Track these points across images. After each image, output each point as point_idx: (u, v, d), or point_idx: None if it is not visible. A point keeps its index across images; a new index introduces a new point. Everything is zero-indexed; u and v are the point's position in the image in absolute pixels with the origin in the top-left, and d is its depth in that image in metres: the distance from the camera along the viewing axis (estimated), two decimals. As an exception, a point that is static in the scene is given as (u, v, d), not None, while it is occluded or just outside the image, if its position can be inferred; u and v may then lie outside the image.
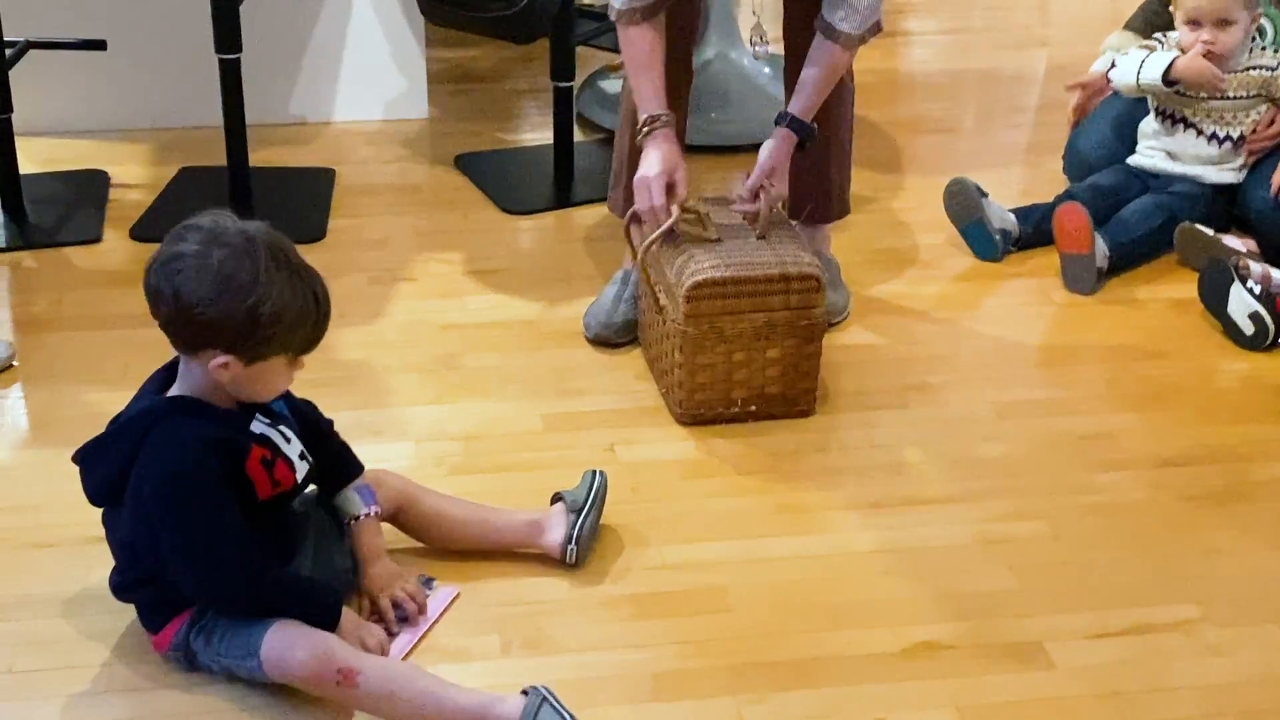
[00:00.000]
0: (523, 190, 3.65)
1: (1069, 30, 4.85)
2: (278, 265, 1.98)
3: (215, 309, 1.96)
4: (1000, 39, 4.77)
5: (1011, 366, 2.98)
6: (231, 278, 1.95)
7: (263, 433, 2.10)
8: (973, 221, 3.34)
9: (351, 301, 3.13)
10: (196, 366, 2.05)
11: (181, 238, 1.99)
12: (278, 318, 1.98)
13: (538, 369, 2.91)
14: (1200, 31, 3.28)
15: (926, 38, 4.79)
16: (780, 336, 2.70)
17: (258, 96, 3.60)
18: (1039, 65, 4.59)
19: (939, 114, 4.21)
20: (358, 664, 2.04)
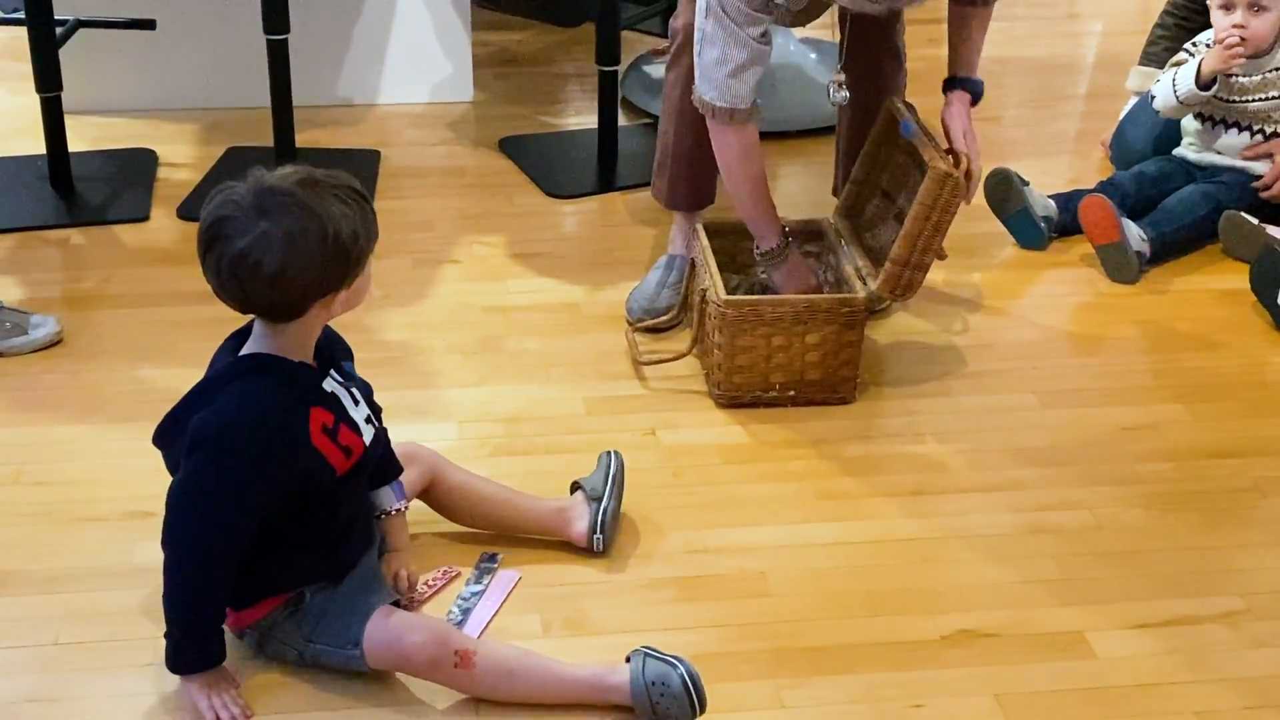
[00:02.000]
0: (567, 174, 3.66)
1: (1117, 18, 4.82)
2: (315, 193, 1.94)
3: (308, 267, 1.93)
4: (1048, 27, 4.74)
5: (1056, 356, 2.97)
6: (298, 234, 1.91)
7: (333, 391, 2.08)
8: (1016, 212, 3.34)
9: (396, 283, 3.14)
10: (291, 325, 2.01)
11: (223, 235, 1.93)
12: (355, 235, 1.97)
13: (580, 352, 2.92)
14: (1233, 15, 3.26)
15: (974, 25, 4.77)
16: (820, 322, 2.71)
17: (305, 77, 3.62)
18: (1088, 53, 4.56)
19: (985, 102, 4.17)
20: (474, 645, 2.06)
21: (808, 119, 3.80)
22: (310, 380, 2.06)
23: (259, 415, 1.99)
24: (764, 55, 2.71)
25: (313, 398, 2.04)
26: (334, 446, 2.05)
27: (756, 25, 2.68)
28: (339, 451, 2.06)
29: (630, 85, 4.01)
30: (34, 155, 3.53)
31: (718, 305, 2.69)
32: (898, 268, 2.72)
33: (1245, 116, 3.35)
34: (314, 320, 2.03)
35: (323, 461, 2.04)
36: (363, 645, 2.05)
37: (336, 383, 2.10)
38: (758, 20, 2.67)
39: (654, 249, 3.22)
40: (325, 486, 2.05)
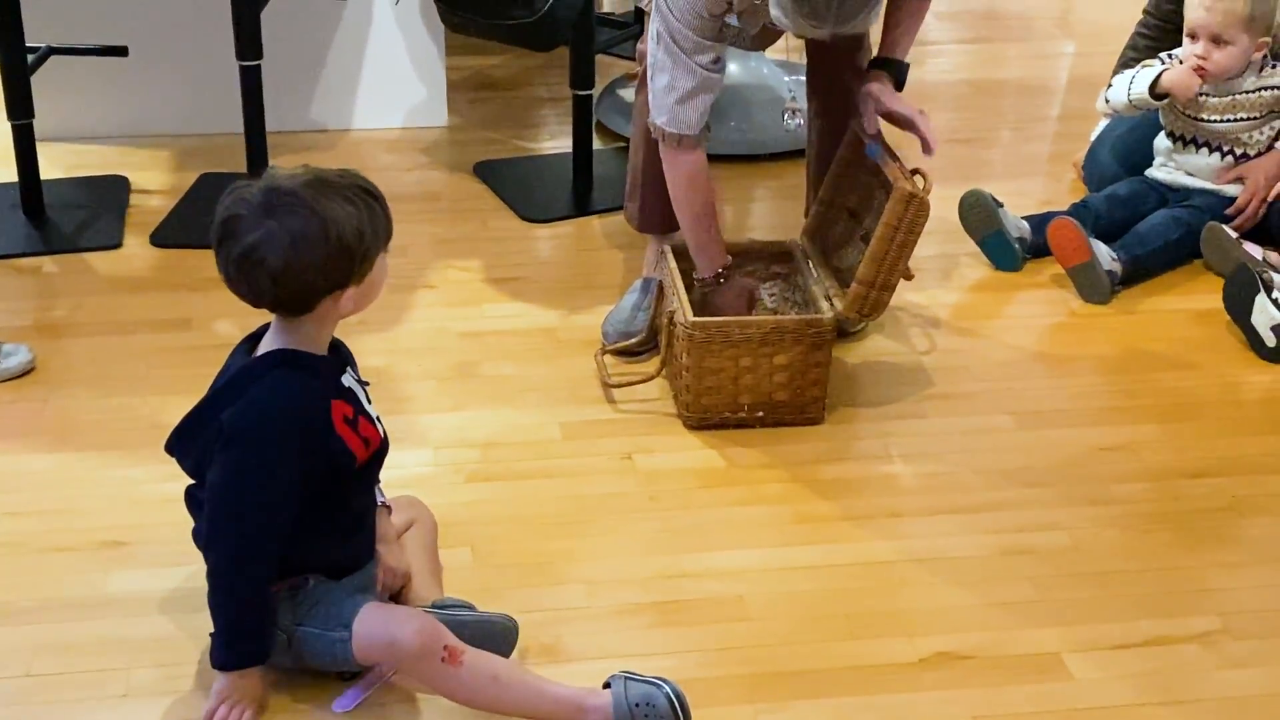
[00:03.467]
0: (542, 198, 3.65)
1: (1090, 41, 4.84)
2: (323, 193, 2.01)
3: (311, 265, 1.99)
4: (1021, 49, 4.76)
5: (1030, 377, 2.98)
6: (303, 232, 1.98)
7: (350, 386, 2.13)
8: (991, 233, 3.34)
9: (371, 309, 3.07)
10: (305, 321, 2.07)
11: (231, 233, 2.00)
12: (360, 233, 2.03)
13: (556, 377, 2.91)
14: (1197, 45, 3.28)
15: (947, 47, 4.78)
16: (788, 344, 2.71)
17: (278, 103, 3.61)
18: (1060, 75, 4.58)
19: (959, 124, 4.21)
20: (464, 646, 2.07)
21: (781, 142, 3.80)
22: (331, 373, 2.11)
23: (292, 404, 2.04)
24: (713, 83, 2.73)
25: (333, 390, 2.10)
26: (355, 437, 2.10)
27: (705, 53, 2.69)
28: (360, 442, 2.11)
29: (605, 109, 4.01)
30: (5, 183, 3.52)
31: (685, 327, 2.69)
32: (864, 288, 2.72)
33: (1214, 137, 3.37)
34: (325, 315, 2.08)
35: (346, 450, 2.08)
36: (352, 628, 2.07)
37: (353, 379, 2.16)
38: (706, 48, 2.68)
39: (629, 272, 3.22)
40: (347, 474, 2.09)
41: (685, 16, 2.66)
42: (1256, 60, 3.30)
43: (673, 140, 2.77)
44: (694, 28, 2.67)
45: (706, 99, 2.73)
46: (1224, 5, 3.23)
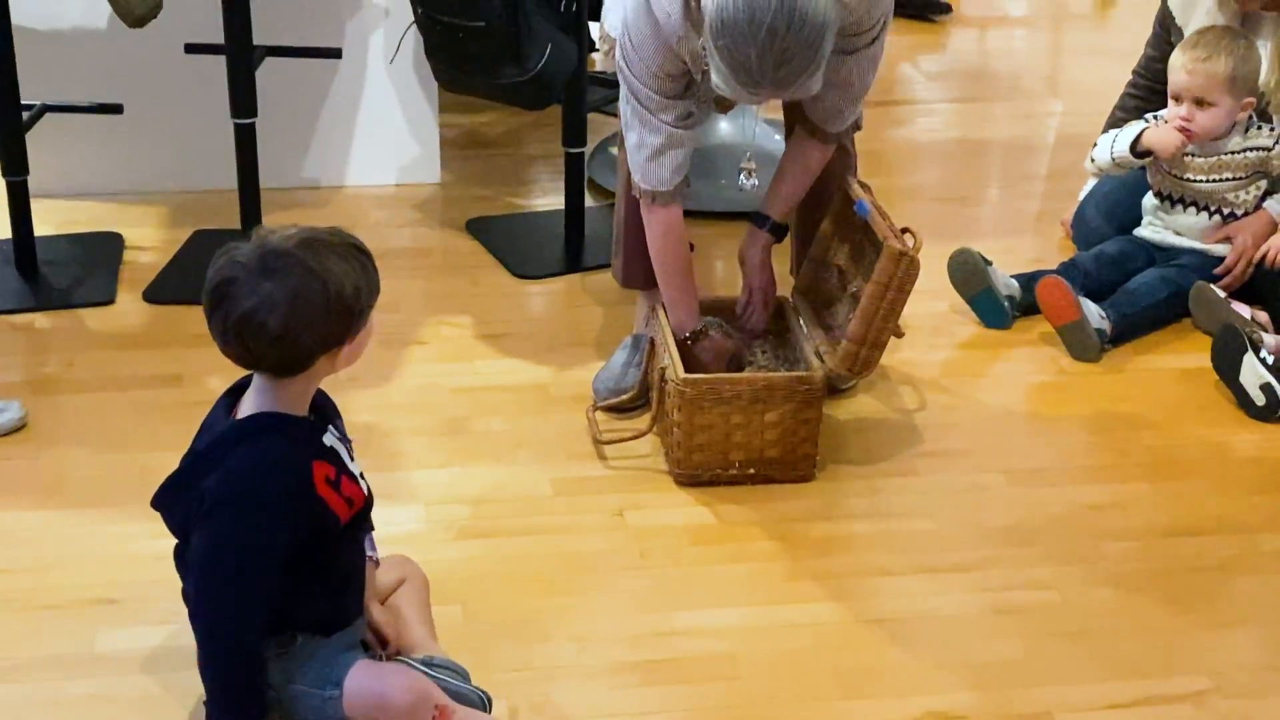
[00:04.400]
0: (533, 255, 3.66)
1: (1078, 100, 4.87)
2: (318, 252, 1.99)
3: (312, 325, 1.98)
4: (1010, 109, 4.79)
5: (1021, 435, 2.98)
6: (303, 293, 1.96)
7: (332, 445, 2.10)
8: (981, 291, 3.35)
9: (362, 364, 3.08)
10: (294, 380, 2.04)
11: (228, 297, 1.96)
12: (358, 290, 2.02)
13: (547, 433, 2.91)
14: (1180, 107, 3.30)
15: (937, 106, 4.82)
16: (779, 401, 2.71)
17: (272, 160, 3.63)
18: (1048, 135, 4.61)
19: (948, 182, 4.23)
20: (455, 706, 2.06)
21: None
22: (311, 434, 2.09)
23: (274, 471, 2.01)
24: (682, 139, 2.75)
25: (314, 451, 2.07)
26: (338, 497, 2.07)
27: (670, 110, 2.71)
28: (342, 502, 2.08)
29: (596, 167, 4.03)
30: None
31: (676, 384, 2.70)
32: (855, 345, 2.73)
33: (1201, 196, 3.39)
34: (317, 373, 2.07)
35: (329, 511, 2.06)
36: (343, 685, 2.05)
37: (335, 437, 2.13)
38: (670, 105, 2.70)
39: (620, 329, 3.23)
40: (331, 535, 2.07)
41: (643, 76, 2.69)
42: (1242, 120, 3.32)
43: (647, 196, 2.79)
44: (654, 87, 2.69)
45: (677, 155, 2.75)
46: (1206, 68, 3.26)
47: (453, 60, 3.37)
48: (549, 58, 3.31)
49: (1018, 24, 5.38)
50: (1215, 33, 3.31)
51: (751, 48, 2.39)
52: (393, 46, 3.72)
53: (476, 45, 3.25)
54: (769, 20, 2.36)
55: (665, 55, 2.63)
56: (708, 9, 2.43)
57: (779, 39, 2.37)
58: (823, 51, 2.42)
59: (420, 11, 3.30)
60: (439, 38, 3.31)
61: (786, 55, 2.39)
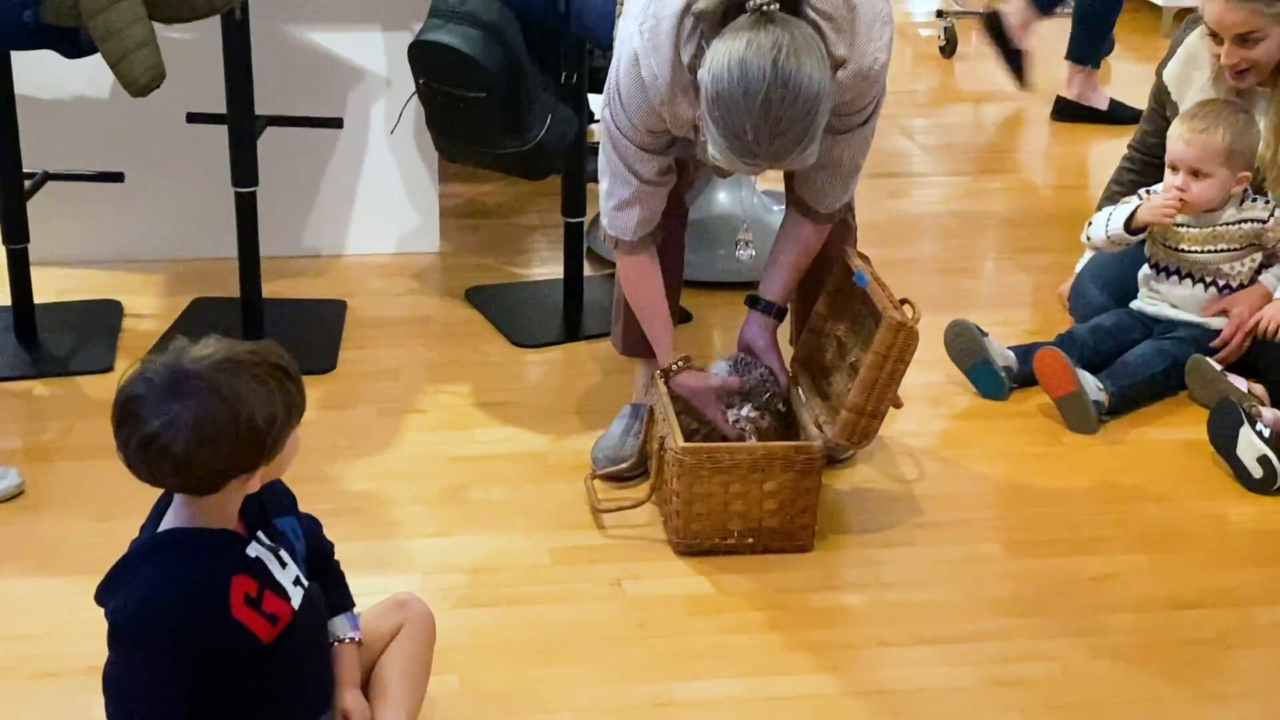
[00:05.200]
0: (532, 324, 3.68)
1: (1074, 174, 4.92)
2: (232, 374, 1.91)
3: (217, 453, 1.90)
4: (1006, 181, 4.83)
5: (1018, 505, 2.98)
6: (210, 418, 1.88)
7: (257, 556, 2.01)
8: (977, 362, 3.37)
9: (360, 433, 3.14)
10: (209, 498, 1.97)
11: (132, 415, 1.90)
12: (272, 417, 1.92)
13: (546, 502, 2.91)
14: (1176, 177, 3.33)
15: (933, 179, 4.85)
16: (778, 470, 2.72)
17: (272, 229, 3.65)
18: (1045, 208, 4.64)
19: (945, 254, 4.26)
20: None
21: (770, 270, 3.82)
22: (232, 548, 2.00)
23: (174, 597, 1.92)
24: (651, 195, 2.77)
25: (235, 566, 1.98)
26: (258, 616, 1.98)
27: (647, 164, 2.73)
28: (264, 621, 1.98)
29: (596, 236, 4.04)
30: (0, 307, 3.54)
31: (675, 453, 2.70)
32: (854, 415, 2.74)
33: (1196, 268, 3.40)
34: (232, 494, 1.98)
35: (246, 634, 1.97)
36: None
37: (263, 546, 2.03)
38: (647, 159, 2.73)
39: (619, 398, 3.23)
40: (252, 658, 1.98)
41: (624, 127, 2.71)
42: (1237, 193, 3.35)
43: (611, 241, 2.84)
44: (634, 139, 2.71)
45: (643, 210, 2.78)
46: (1202, 139, 3.29)
47: (453, 130, 3.40)
48: (549, 129, 3.34)
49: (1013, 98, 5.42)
50: (1215, 105, 3.35)
51: (746, 119, 2.41)
52: (394, 116, 3.75)
53: (477, 115, 3.28)
54: (763, 91, 2.39)
55: (647, 113, 2.66)
56: (703, 80, 2.46)
57: (774, 110, 2.40)
58: (818, 122, 2.45)
59: (421, 82, 3.33)
60: (440, 108, 3.35)
61: (782, 126, 2.41)
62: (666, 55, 2.57)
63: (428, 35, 3.25)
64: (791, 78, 2.39)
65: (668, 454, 2.74)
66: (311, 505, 2.18)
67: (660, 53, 2.57)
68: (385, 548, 2.75)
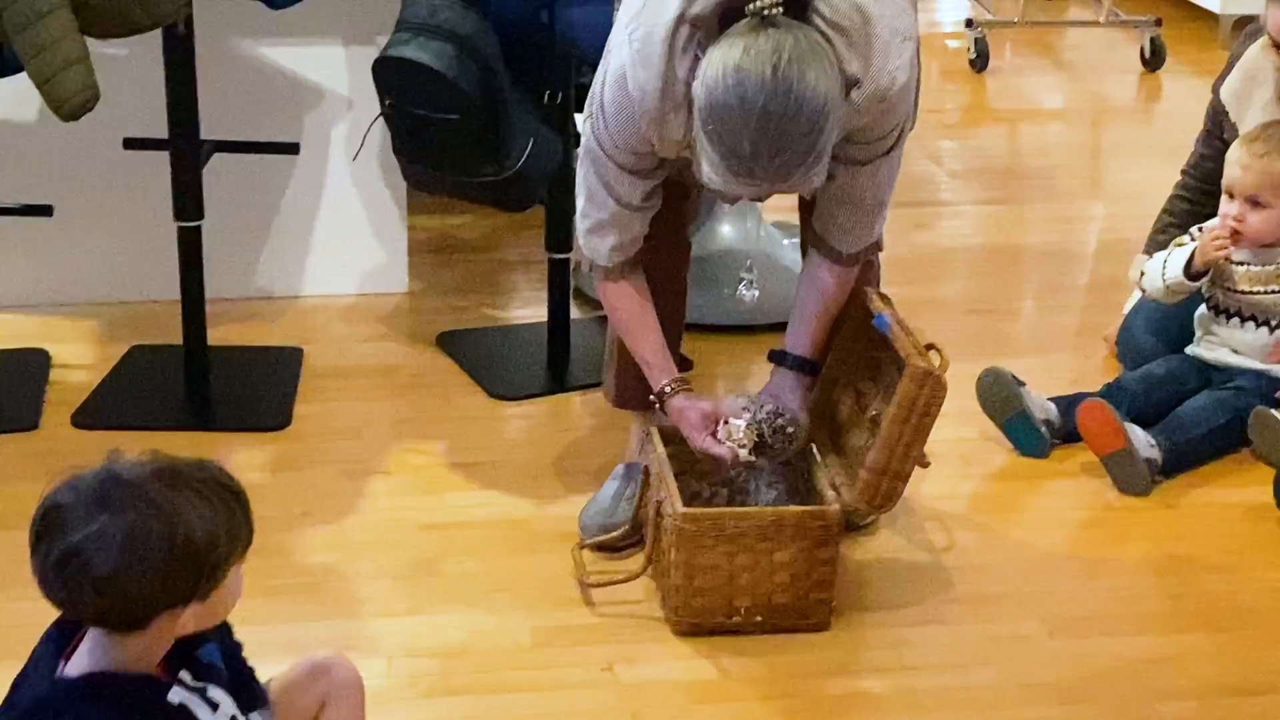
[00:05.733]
0: (513, 373, 3.68)
1: (1123, 202, 4.93)
2: (173, 486, 1.86)
3: (147, 574, 1.83)
4: (1045, 211, 4.84)
5: (1063, 578, 2.98)
6: (142, 533, 1.82)
7: (181, 703, 1.94)
8: (1014, 414, 3.37)
9: (319, 497, 3.14)
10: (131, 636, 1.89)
11: (54, 527, 1.84)
12: (213, 540, 1.87)
13: (528, 575, 2.91)
14: (1232, 206, 3.34)
15: (964, 208, 4.87)
16: (790, 538, 2.71)
17: (220, 268, 3.66)
18: (1089, 240, 4.66)
19: (977, 293, 4.27)
20: None
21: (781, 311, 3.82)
22: (152, 699, 1.92)
23: None
24: (631, 221, 2.78)
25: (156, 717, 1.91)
26: None
27: (628, 186, 2.74)
28: None
29: (584, 275, 4.05)
30: (-89, 356, 3.54)
31: (674, 519, 2.70)
32: (875, 476, 2.74)
33: (1258, 310, 3.41)
34: (158, 633, 1.90)
35: None
36: None
37: (188, 690, 1.96)
38: (629, 181, 2.73)
39: (611, 457, 3.23)
40: None
41: (606, 144, 2.71)
42: (1300, 228, 3.35)
43: (586, 263, 2.85)
44: (617, 159, 2.72)
45: (620, 236, 2.78)
46: (1263, 164, 3.30)
47: (423, 156, 3.41)
48: (531, 154, 3.35)
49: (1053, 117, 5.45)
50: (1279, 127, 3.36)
51: (744, 133, 2.41)
52: (356, 141, 3.76)
53: (450, 140, 3.30)
54: (761, 101, 2.39)
55: (633, 133, 2.66)
56: (696, 91, 2.47)
57: (774, 122, 2.40)
58: (825, 138, 2.45)
59: (388, 102, 3.35)
60: (408, 131, 3.36)
61: (783, 141, 2.41)
62: (658, 68, 2.58)
63: (395, 50, 3.26)
64: (794, 86, 2.39)
65: (665, 520, 2.74)
66: (263, 581, 2.18)
67: (651, 65, 2.58)
68: (347, 628, 2.74)
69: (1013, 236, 4.64)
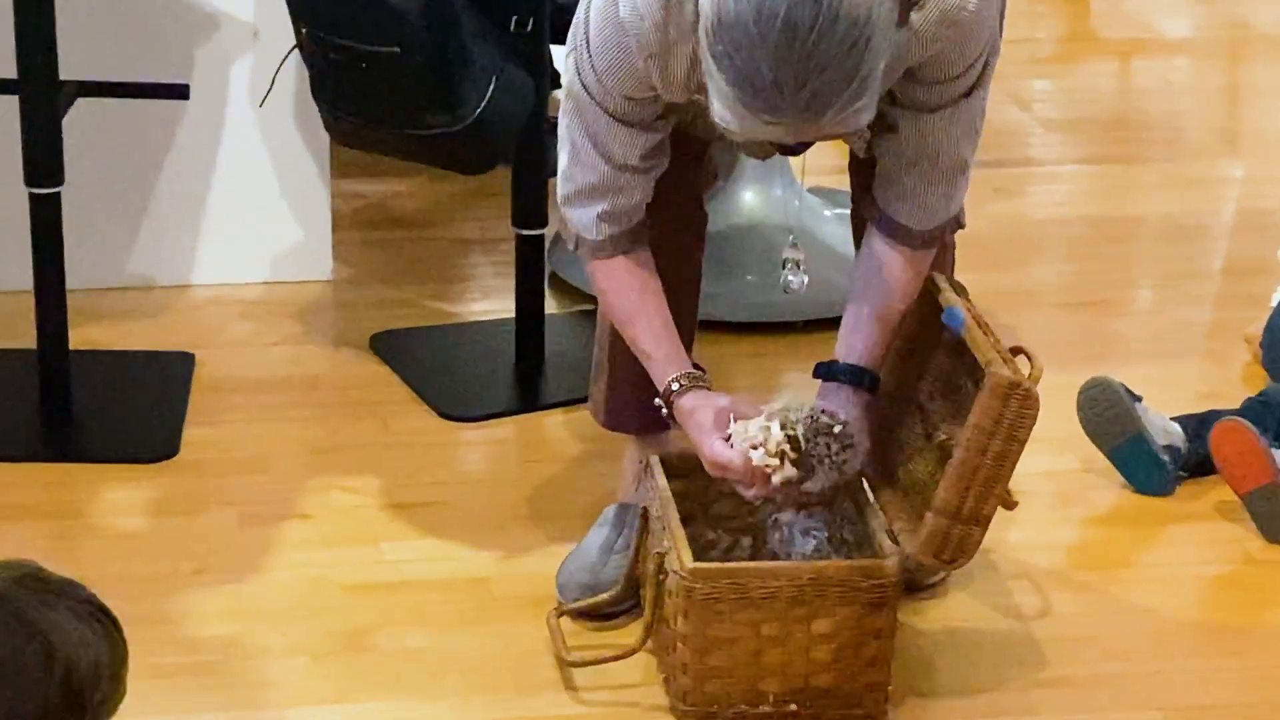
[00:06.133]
0: (471, 386, 3.69)
1: (1269, 160, 4.93)
2: (45, 601, 1.84)
3: (16, 711, 1.80)
4: (1166, 173, 4.85)
5: (1189, 655, 2.99)
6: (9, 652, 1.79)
7: None
8: (1127, 439, 3.37)
9: (215, 550, 3.14)
10: None
11: None
12: (95, 672, 1.84)
13: (490, 652, 2.92)
14: None
15: (1061, 169, 4.88)
16: (833, 602, 2.72)
17: (85, 249, 3.67)
18: (1225, 211, 4.66)
19: (1078, 280, 4.27)
20: None
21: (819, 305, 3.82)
22: None
23: None
24: (627, 186, 2.78)
25: None
26: None
27: (623, 141, 2.74)
28: None
29: (562, 257, 4.05)
30: None
31: (681, 577, 2.70)
32: (944, 520, 2.74)
33: None
34: None
35: None
36: None
37: None
38: (624, 136, 2.73)
39: (599, 496, 3.24)
40: None
41: (594, 89, 2.72)
42: None
43: (569, 237, 2.85)
44: (607, 107, 2.72)
45: (613, 203, 2.79)
46: None
47: (353, 102, 3.41)
48: (492, 98, 3.36)
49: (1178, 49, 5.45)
50: None
51: (761, 53, 2.39)
52: (263, 83, 3.77)
53: (388, 81, 3.30)
54: (784, 9, 2.38)
55: (627, 72, 2.67)
56: (703, 5, 2.46)
57: (801, 39, 2.36)
58: (868, 62, 2.42)
59: (305, 31, 3.35)
60: (333, 70, 3.37)
61: (813, 63, 2.38)
62: None
63: (313, -37, 3.28)
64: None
65: (670, 579, 2.74)
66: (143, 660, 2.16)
67: None
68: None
69: (1124, 206, 4.65)
